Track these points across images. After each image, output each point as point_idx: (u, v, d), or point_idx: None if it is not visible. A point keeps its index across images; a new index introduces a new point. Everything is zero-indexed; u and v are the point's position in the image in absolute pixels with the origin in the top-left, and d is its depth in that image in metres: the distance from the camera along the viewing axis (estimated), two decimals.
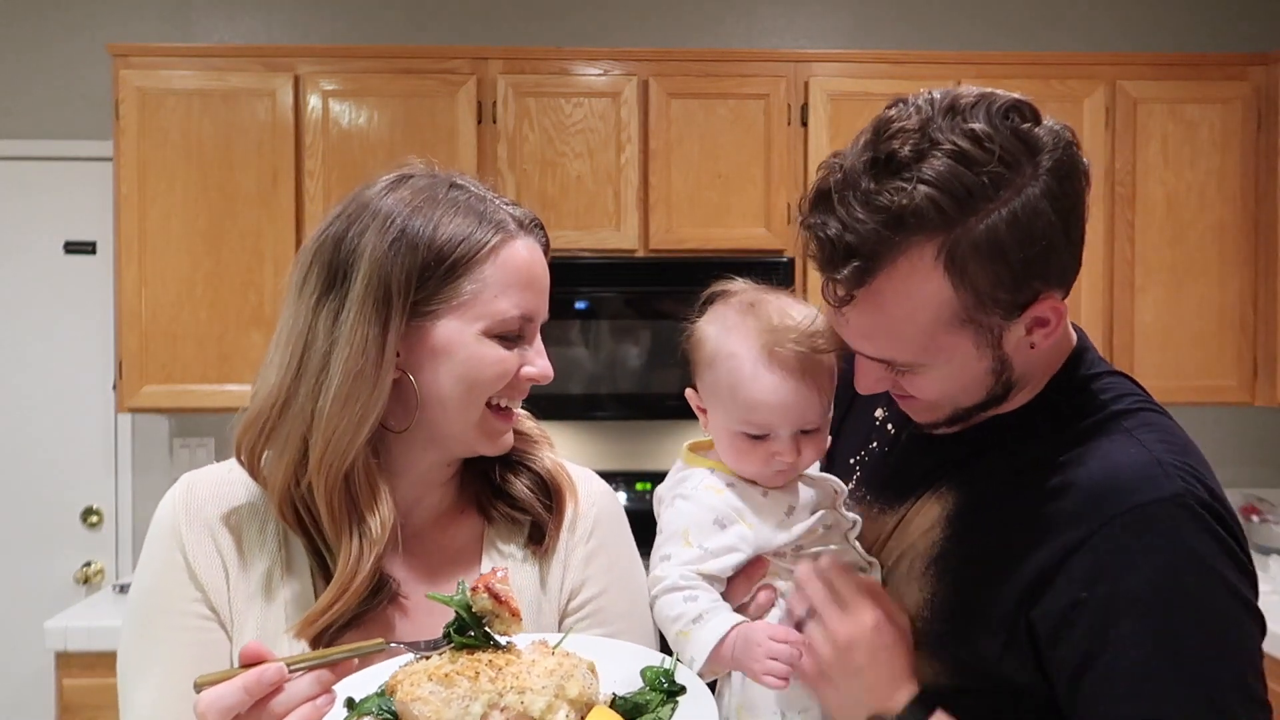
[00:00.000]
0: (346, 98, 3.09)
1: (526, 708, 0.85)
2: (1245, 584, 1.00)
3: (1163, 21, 3.59)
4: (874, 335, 1.00)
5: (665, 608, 1.11)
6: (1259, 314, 3.22)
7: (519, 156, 3.11)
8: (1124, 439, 1.05)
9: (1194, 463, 1.04)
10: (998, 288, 0.96)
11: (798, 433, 1.12)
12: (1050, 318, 1.01)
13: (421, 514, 1.14)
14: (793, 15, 3.56)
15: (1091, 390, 1.09)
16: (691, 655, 1.07)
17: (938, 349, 0.99)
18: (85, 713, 2.71)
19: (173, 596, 1.06)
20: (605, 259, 3.10)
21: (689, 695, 0.93)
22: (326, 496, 1.03)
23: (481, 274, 1.04)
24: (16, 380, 3.43)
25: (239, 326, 3.06)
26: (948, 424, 1.11)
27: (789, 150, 3.15)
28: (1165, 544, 0.98)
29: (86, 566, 3.43)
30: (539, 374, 1.09)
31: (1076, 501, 1.02)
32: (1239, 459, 3.60)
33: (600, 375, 3.12)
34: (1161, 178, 3.22)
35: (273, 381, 1.06)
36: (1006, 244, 0.94)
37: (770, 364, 1.09)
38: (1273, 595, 2.87)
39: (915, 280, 0.95)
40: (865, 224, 0.94)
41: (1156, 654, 0.96)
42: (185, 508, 1.10)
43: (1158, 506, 0.99)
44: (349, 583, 1.02)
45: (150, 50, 3.12)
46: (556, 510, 1.15)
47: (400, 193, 1.05)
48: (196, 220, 3.06)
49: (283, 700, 0.84)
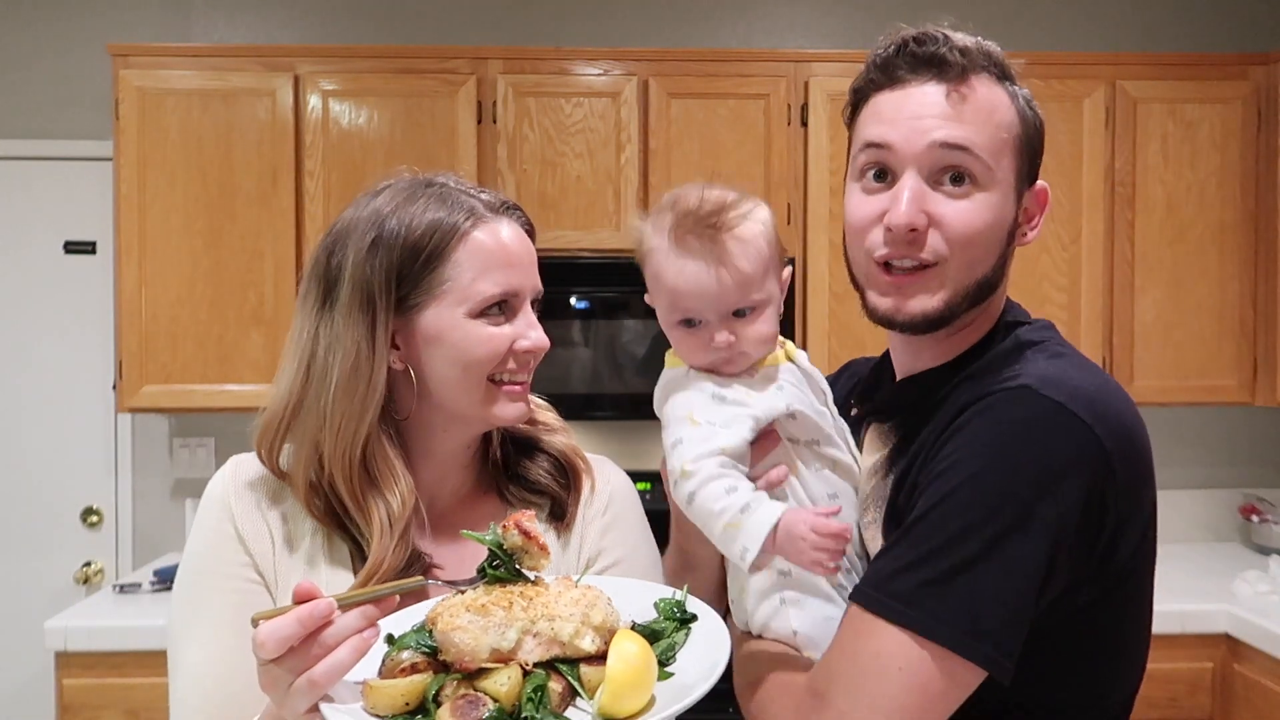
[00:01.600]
0: (346, 97, 3.09)
1: (556, 633, 0.93)
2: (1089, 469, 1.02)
3: (1163, 21, 3.59)
4: (968, 119, 1.10)
5: (708, 500, 1.08)
6: (1259, 314, 3.22)
7: (519, 156, 3.11)
8: (1017, 364, 1.10)
9: (1073, 379, 1.07)
10: (1035, 135, 1.16)
11: (729, 315, 1.14)
12: (1036, 212, 1.18)
13: (446, 496, 1.22)
14: (792, 15, 3.56)
15: (1015, 337, 1.16)
16: (744, 545, 1.06)
17: (999, 159, 1.11)
18: (85, 713, 2.71)
19: (222, 560, 1.14)
20: (605, 259, 3.10)
21: (700, 622, 1.01)
22: (347, 482, 1.12)
23: (456, 260, 1.12)
24: (16, 380, 3.44)
25: (239, 326, 3.06)
26: (937, 315, 1.13)
27: (789, 150, 3.15)
28: (992, 422, 1.04)
29: (86, 566, 3.43)
30: (533, 345, 1.15)
31: (949, 415, 1.09)
32: (1239, 459, 3.60)
33: (600, 375, 3.12)
34: (1161, 178, 3.22)
35: (284, 387, 1.16)
36: (1036, 110, 1.17)
37: (679, 250, 1.13)
38: (1272, 595, 2.87)
39: (996, 92, 1.13)
40: (967, 42, 1.14)
41: (945, 514, 1.01)
42: (234, 483, 1.18)
43: (1001, 395, 1.05)
44: (383, 556, 1.10)
45: (150, 50, 3.12)
46: (575, 487, 1.25)
47: (380, 199, 1.15)
48: (196, 220, 3.06)
49: (333, 632, 0.90)
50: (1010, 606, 1.00)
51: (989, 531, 1.00)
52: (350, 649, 0.90)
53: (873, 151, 1.13)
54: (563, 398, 1.31)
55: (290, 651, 0.89)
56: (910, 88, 1.12)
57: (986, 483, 1.01)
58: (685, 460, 1.09)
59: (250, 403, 3.62)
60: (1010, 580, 1.00)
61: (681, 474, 1.10)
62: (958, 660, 0.99)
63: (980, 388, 1.09)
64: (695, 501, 1.09)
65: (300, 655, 0.89)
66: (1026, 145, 1.14)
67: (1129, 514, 1.06)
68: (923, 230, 1.10)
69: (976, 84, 1.12)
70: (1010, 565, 0.99)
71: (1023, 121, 1.14)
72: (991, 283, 1.14)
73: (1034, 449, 1.01)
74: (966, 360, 1.16)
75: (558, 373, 3.09)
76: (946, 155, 1.10)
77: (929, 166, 1.10)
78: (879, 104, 1.15)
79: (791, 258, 3.09)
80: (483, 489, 1.25)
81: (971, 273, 1.12)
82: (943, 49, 1.12)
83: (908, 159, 1.10)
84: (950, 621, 0.99)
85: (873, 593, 1.03)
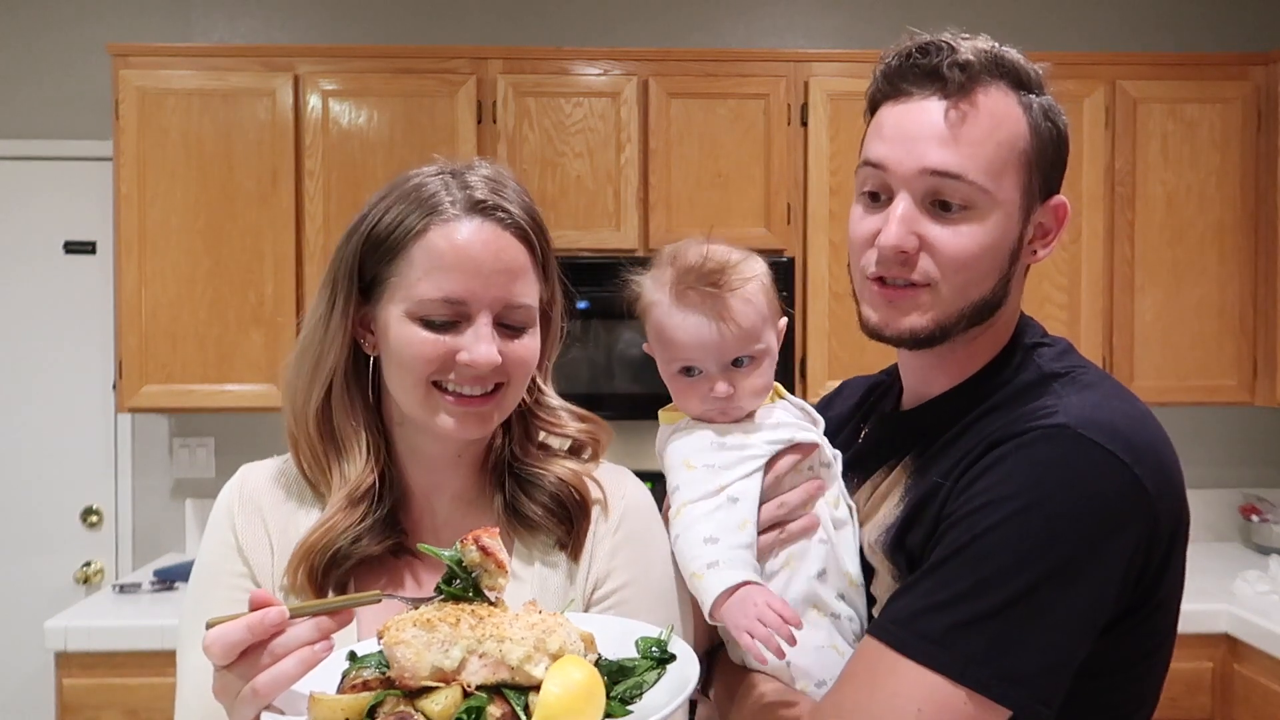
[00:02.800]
0: (346, 97, 3.09)
1: (504, 655, 0.87)
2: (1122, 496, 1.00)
3: (1163, 21, 3.59)
4: (963, 141, 1.07)
5: (686, 546, 1.13)
6: (1259, 314, 3.22)
7: (519, 156, 3.11)
8: (1048, 398, 1.08)
9: (1108, 416, 1.04)
10: (1050, 145, 1.12)
11: (728, 366, 1.18)
12: (1052, 227, 1.14)
13: (445, 504, 1.18)
14: (792, 15, 3.56)
15: (1035, 363, 1.14)
16: (702, 599, 1.10)
17: (999, 179, 1.08)
18: (85, 713, 2.71)
19: (222, 571, 1.14)
20: (605, 259, 3.10)
21: (678, 663, 0.94)
22: (309, 446, 1.14)
23: (410, 257, 1.07)
24: (16, 380, 3.43)
25: (239, 326, 3.06)
26: (927, 334, 1.12)
27: (789, 150, 3.15)
28: (1029, 467, 1.01)
29: (86, 566, 3.43)
30: (471, 360, 1.06)
31: (978, 451, 1.06)
32: (1239, 459, 3.60)
33: (600, 375, 3.12)
34: (1161, 177, 3.21)
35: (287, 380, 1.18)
36: (1055, 117, 1.13)
37: (680, 304, 1.17)
38: (1272, 595, 2.87)
39: (1005, 105, 1.10)
40: (976, 52, 1.10)
41: (980, 558, 0.99)
42: (239, 494, 1.18)
43: (1038, 435, 1.02)
44: (333, 514, 1.10)
45: (150, 50, 3.12)
46: (580, 521, 1.16)
47: (378, 192, 1.13)
48: (196, 220, 3.06)
49: (282, 641, 0.88)
50: (1050, 655, 0.97)
51: (1028, 577, 0.97)
52: (297, 660, 0.88)
53: (869, 171, 1.13)
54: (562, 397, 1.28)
55: (241, 658, 0.88)
56: (912, 102, 1.10)
57: (1026, 526, 0.98)
58: (677, 504, 1.16)
59: (250, 403, 3.60)
60: (1051, 629, 0.97)
61: (674, 515, 1.16)
62: (988, 705, 0.96)
63: (1010, 422, 1.05)
64: (677, 545, 1.14)
65: (250, 662, 0.88)
66: (1038, 159, 1.10)
67: (1168, 552, 1.05)
68: (913, 253, 1.09)
69: (981, 97, 1.08)
70: (1052, 613, 0.97)
71: (1035, 134, 1.10)
72: (991, 304, 1.12)
73: (1076, 495, 0.99)
74: (983, 384, 1.14)
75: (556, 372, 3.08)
76: (937, 183, 1.07)
77: (921, 191, 1.08)
78: (882, 118, 1.13)
79: (791, 257, 3.09)
80: (489, 497, 1.19)
81: (966, 295, 1.10)
82: (944, 61, 1.08)
83: (900, 182, 1.09)
84: (983, 664, 0.96)
85: (896, 629, 1.00)
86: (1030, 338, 1.17)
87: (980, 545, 0.99)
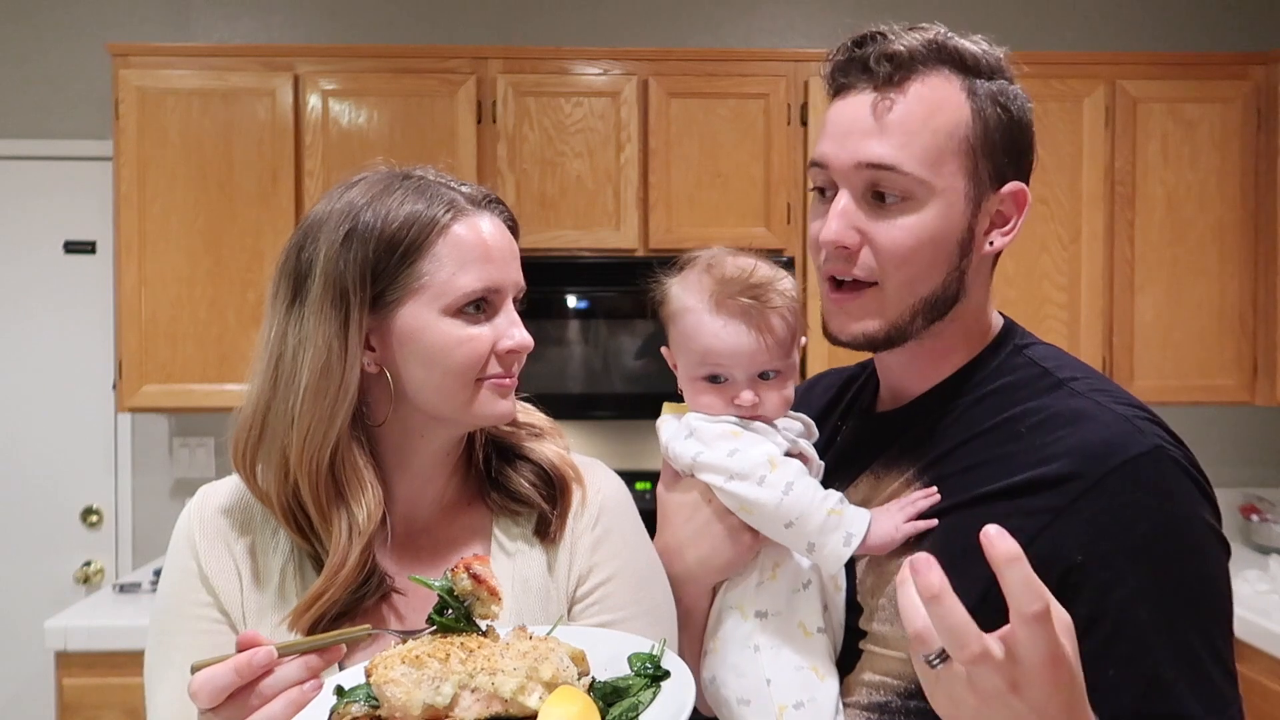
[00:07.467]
0: (346, 97, 3.10)
1: (497, 689, 0.85)
2: (1218, 524, 1.03)
3: (1163, 21, 3.59)
4: (895, 132, 1.05)
5: (809, 489, 1.11)
6: (1259, 314, 3.22)
7: (519, 156, 3.11)
8: (1082, 401, 1.06)
9: (1151, 415, 1.06)
10: (999, 131, 1.08)
11: (754, 377, 1.18)
12: (1012, 214, 1.10)
13: (426, 508, 1.15)
14: (792, 15, 3.56)
15: (1027, 357, 1.13)
16: (849, 531, 1.08)
17: (940, 169, 1.05)
18: (85, 712, 2.71)
19: (186, 601, 1.10)
20: (605, 259, 3.10)
21: (673, 680, 0.92)
22: (312, 490, 1.06)
23: (435, 254, 1.05)
24: (16, 380, 3.44)
25: (238, 326, 3.06)
26: (882, 335, 1.11)
27: (789, 150, 3.15)
28: (1156, 499, 0.99)
29: (86, 566, 3.44)
30: (516, 345, 1.08)
31: (1053, 467, 1.01)
32: (1239, 459, 3.60)
33: (599, 375, 3.12)
34: (1161, 177, 3.21)
35: (254, 391, 1.10)
36: (1009, 103, 1.08)
37: (719, 312, 1.17)
38: (1272, 595, 2.87)
39: (945, 91, 1.07)
40: (912, 40, 1.07)
41: (1159, 612, 0.96)
42: (200, 517, 1.14)
43: (1143, 461, 0.99)
44: (337, 571, 1.04)
45: (150, 50, 3.12)
46: (563, 500, 1.16)
47: (354, 191, 1.08)
48: (196, 219, 3.07)
49: (270, 683, 0.86)
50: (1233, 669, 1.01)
51: (1204, 621, 0.98)
52: (285, 702, 0.85)
53: (815, 169, 1.13)
54: (561, 397, 1.28)
55: (228, 700, 0.85)
56: (850, 97, 1.09)
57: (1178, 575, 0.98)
58: (768, 455, 1.13)
59: None
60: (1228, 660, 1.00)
61: (769, 466, 1.12)
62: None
63: (1069, 445, 1.02)
64: (794, 491, 1.11)
65: (238, 705, 0.85)
66: (984, 145, 1.07)
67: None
68: (855, 248, 1.08)
69: (916, 86, 1.06)
70: (1224, 650, 0.99)
71: (980, 119, 1.07)
72: (945, 298, 1.10)
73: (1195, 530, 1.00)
74: (968, 380, 1.13)
75: (556, 372, 3.09)
76: (874, 175, 1.06)
77: (860, 185, 1.07)
78: (826, 114, 1.13)
79: (791, 257, 3.09)
80: (467, 498, 1.18)
81: (914, 290, 1.08)
82: (872, 52, 1.07)
83: (839, 177, 1.08)
84: (1232, 701, 0.98)
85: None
86: (1020, 339, 1.17)
87: (1145, 609, 0.97)
